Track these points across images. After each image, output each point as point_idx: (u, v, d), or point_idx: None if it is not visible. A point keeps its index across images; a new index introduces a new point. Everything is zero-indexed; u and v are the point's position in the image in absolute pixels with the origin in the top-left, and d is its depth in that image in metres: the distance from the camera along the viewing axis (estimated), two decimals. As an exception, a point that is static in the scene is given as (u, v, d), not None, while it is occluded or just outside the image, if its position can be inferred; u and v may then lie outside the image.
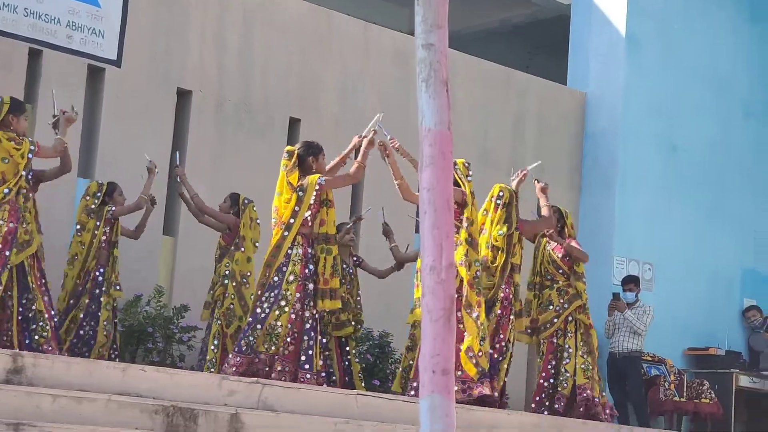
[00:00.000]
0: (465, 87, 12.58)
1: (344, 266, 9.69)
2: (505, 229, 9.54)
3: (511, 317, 9.47)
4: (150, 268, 10.53)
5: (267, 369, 8.27)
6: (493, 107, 13.18)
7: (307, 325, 8.39)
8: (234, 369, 8.20)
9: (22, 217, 8.20)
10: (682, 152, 13.98)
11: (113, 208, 9.51)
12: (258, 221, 9.77)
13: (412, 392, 8.56)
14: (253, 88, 11.33)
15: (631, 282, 12.07)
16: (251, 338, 8.30)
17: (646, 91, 13.81)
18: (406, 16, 15.89)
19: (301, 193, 8.51)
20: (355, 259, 10.21)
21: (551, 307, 10.04)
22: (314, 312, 8.43)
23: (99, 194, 9.53)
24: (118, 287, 9.47)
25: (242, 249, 9.67)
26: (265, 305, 8.35)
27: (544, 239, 10.26)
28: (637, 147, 13.70)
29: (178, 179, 9.91)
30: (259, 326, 8.29)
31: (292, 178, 8.57)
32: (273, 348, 8.28)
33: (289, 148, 8.86)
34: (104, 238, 9.42)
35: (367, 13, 13.49)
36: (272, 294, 8.35)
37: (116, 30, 10.35)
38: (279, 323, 8.29)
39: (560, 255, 10.20)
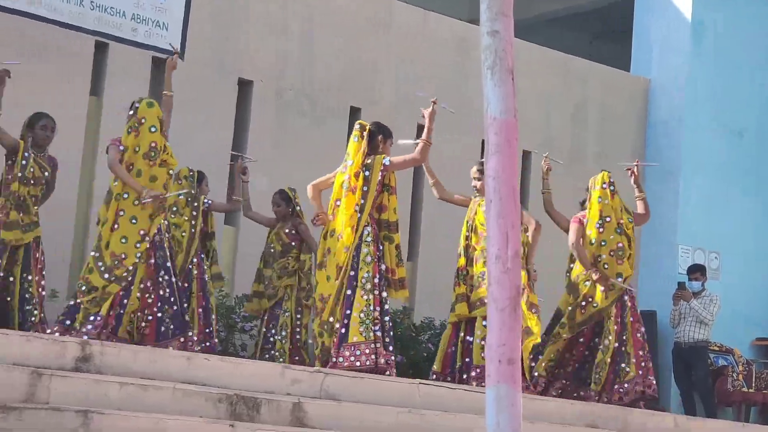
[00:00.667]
0: (527, 75, 12.50)
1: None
2: (630, 215, 9.55)
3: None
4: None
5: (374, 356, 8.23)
6: (555, 95, 13.09)
7: (386, 306, 8.37)
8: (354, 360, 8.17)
9: None
10: (747, 139, 13.79)
11: (209, 201, 9.57)
12: None
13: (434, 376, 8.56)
14: (313, 78, 11.35)
15: (696, 271, 11.92)
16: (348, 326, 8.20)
17: (709, 77, 13.64)
18: (465, 4, 15.82)
19: (367, 173, 8.40)
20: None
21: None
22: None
23: (192, 179, 9.55)
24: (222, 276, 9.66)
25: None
26: (349, 290, 8.25)
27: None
28: (700, 134, 13.54)
29: (241, 179, 9.86)
30: (348, 311, 8.20)
31: (360, 154, 8.45)
32: (372, 335, 8.23)
33: (361, 122, 8.74)
34: (201, 228, 9.47)
35: (425, 1, 13.44)
36: (353, 276, 8.28)
37: (179, 22, 10.42)
38: (371, 308, 8.19)
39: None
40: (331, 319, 8.25)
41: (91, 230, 9.98)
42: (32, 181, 8.34)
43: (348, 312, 8.18)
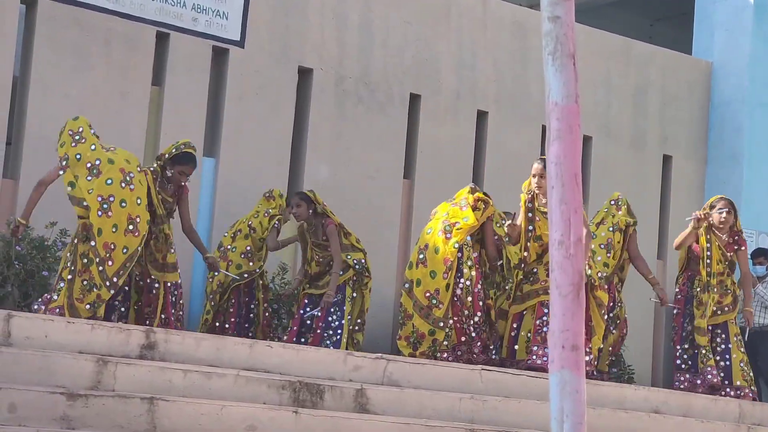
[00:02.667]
0: (586, 59, 12.42)
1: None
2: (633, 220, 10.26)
3: None
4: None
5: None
6: (615, 79, 12.99)
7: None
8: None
9: None
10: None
11: (277, 224, 9.72)
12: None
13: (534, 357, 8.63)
14: (372, 65, 11.36)
15: (761, 255, 11.78)
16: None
17: (773, 59, 13.46)
18: (525, -11, 15.73)
19: (477, 211, 9.13)
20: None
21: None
22: None
23: (282, 199, 9.80)
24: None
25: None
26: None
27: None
28: (764, 117, 13.36)
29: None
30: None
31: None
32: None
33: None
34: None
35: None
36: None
37: (239, 11, 10.48)
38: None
39: None
40: (449, 314, 8.85)
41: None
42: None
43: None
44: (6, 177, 9.58)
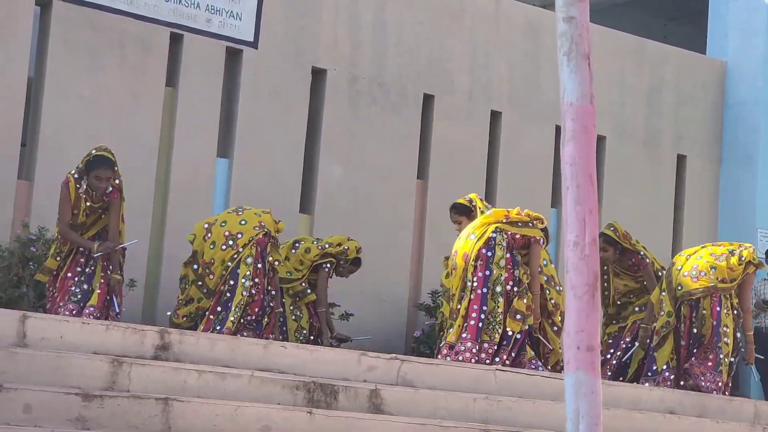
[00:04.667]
0: (600, 59, 12.39)
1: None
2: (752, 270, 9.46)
3: None
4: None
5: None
6: (629, 79, 12.97)
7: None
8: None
9: None
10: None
11: (327, 267, 9.57)
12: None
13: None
14: (386, 65, 11.36)
15: (775, 256, 11.74)
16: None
17: (788, 59, 13.41)
18: (538, -11, 15.71)
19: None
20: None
21: None
22: None
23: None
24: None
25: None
26: (484, 288, 8.66)
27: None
28: (779, 116, 13.32)
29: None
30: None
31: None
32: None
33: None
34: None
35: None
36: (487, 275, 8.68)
37: (253, 12, 10.49)
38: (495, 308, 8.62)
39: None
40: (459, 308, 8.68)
41: (167, 221, 10.11)
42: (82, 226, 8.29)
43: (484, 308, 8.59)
44: (21, 178, 9.61)
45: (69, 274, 8.12)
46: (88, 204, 8.14)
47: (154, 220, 10.10)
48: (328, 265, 9.54)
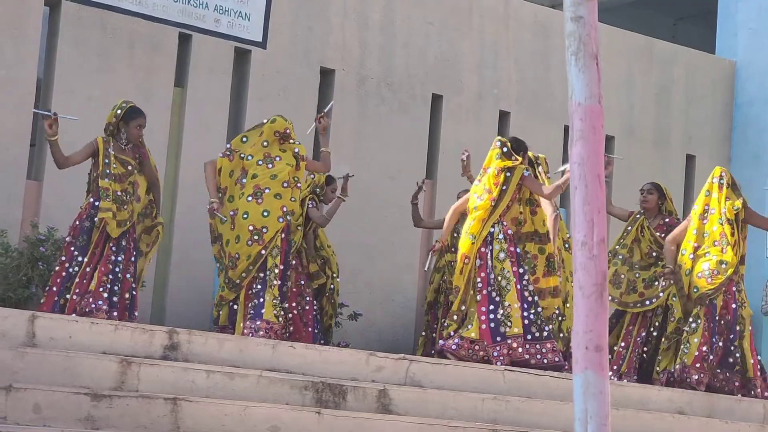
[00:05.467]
0: (608, 58, 12.38)
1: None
2: (739, 203, 9.33)
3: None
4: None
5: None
6: (638, 78, 12.95)
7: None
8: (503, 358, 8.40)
9: None
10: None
11: (311, 203, 9.55)
12: None
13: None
14: (394, 65, 11.36)
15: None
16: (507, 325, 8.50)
17: (797, 58, 13.39)
18: (547, -11, 15.70)
19: (509, 174, 8.74)
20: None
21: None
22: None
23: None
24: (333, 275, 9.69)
25: None
26: (489, 288, 8.56)
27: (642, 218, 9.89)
28: (788, 116, 13.30)
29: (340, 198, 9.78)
30: (501, 311, 8.48)
31: (503, 164, 8.77)
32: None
33: (501, 138, 9.10)
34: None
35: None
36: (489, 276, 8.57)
37: (261, 12, 10.50)
38: (507, 303, 8.49)
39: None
40: (463, 308, 8.66)
41: (176, 221, 10.12)
42: (118, 177, 8.40)
43: (492, 308, 8.50)
44: (30, 178, 9.63)
45: (103, 269, 8.21)
46: (121, 158, 8.45)
47: (163, 219, 10.09)
48: (311, 203, 9.56)
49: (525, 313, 8.51)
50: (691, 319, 9.07)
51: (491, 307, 8.46)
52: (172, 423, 6.21)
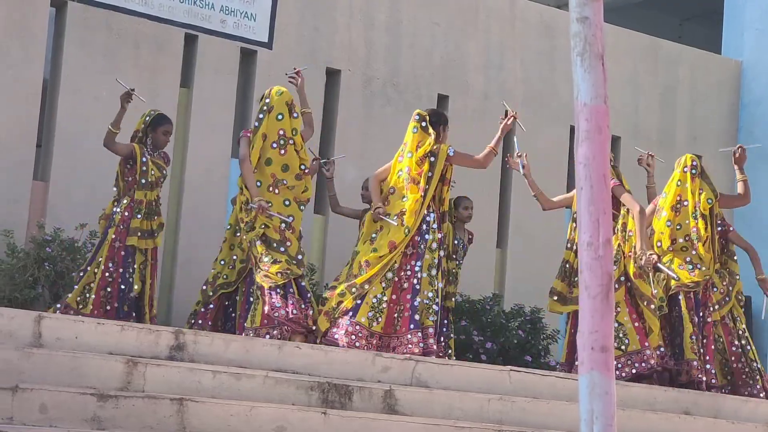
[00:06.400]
0: (614, 59, 12.37)
1: (456, 240, 9.48)
2: (712, 196, 9.30)
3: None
4: (302, 246, 10.67)
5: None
6: (644, 78, 12.94)
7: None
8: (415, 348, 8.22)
9: None
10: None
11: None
12: None
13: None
14: (400, 66, 11.36)
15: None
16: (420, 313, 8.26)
17: (804, 58, 13.37)
18: (553, -11, 15.70)
19: (432, 159, 8.52)
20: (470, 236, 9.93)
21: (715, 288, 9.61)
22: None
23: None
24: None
25: None
26: (415, 277, 8.36)
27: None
28: (794, 116, 13.28)
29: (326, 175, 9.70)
30: (418, 299, 8.31)
31: (425, 143, 8.54)
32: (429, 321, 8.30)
33: (420, 111, 8.86)
34: None
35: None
36: (418, 263, 8.36)
37: (267, 13, 10.51)
38: (431, 294, 8.30)
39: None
40: (365, 287, 8.28)
41: (181, 221, 10.13)
42: (153, 184, 8.53)
43: (415, 296, 8.28)
44: (36, 179, 9.64)
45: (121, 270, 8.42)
46: (157, 162, 8.62)
47: (168, 220, 10.10)
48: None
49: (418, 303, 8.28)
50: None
51: (413, 296, 8.27)
52: (178, 423, 6.22)
